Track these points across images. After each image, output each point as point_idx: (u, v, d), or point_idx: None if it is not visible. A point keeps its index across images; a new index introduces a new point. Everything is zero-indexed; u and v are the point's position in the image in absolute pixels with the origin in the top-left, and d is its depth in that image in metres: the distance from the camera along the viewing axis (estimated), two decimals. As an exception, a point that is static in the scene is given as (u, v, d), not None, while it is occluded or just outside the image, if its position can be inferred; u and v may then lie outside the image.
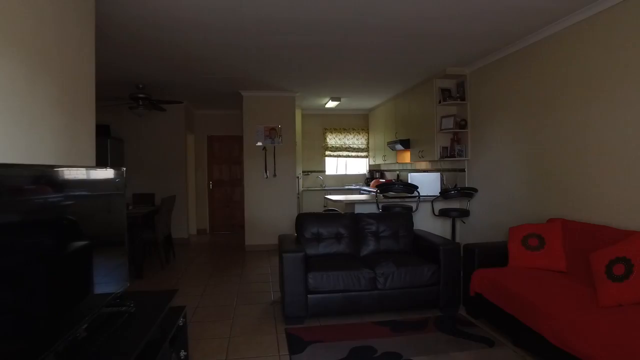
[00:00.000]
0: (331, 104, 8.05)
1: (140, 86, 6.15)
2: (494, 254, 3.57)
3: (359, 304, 3.58)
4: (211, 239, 8.19)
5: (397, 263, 3.69)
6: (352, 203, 5.31)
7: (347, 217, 4.27)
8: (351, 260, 3.89)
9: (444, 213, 5.17)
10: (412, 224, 4.35)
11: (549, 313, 2.54)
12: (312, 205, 8.53)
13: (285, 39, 4.19)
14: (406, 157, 7.30)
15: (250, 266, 5.82)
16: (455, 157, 5.62)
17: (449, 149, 5.76)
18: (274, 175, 7.01)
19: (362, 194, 8.24)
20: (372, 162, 9.12)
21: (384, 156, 8.14)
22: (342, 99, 7.73)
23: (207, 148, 8.94)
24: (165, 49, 4.47)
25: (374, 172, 9.24)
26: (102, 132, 7.16)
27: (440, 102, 5.72)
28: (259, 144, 6.97)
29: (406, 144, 6.85)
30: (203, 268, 5.73)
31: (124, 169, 2.36)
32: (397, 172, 8.18)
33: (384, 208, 5.13)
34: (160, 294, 2.49)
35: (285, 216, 7.02)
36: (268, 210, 7.01)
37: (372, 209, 5.27)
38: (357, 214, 4.35)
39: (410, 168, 7.54)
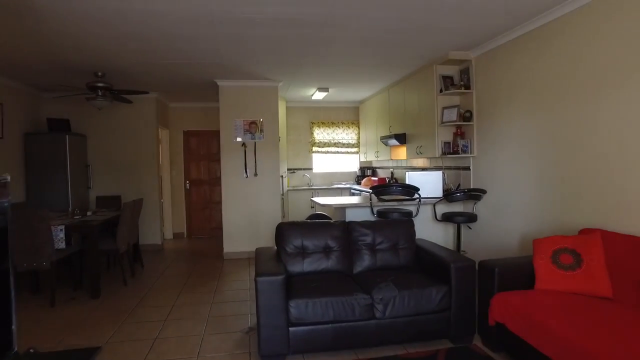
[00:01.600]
0: (318, 95, 7.34)
1: (99, 74, 5.36)
2: (517, 273, 2.92)
3: (353, 337, 2.90)
4: (188, 245, 7.45)
5: (399, 284, 3.02)
6: (343, 208, 4.62)
7: (337, 226, 3.58)
8: (343, 280, 3.21)
9: (447, 218, 4.51)
10: (414, 233, 3.68)
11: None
12: (299, 207, 7.83)
13: (261, 11, 3.47)
14: (401, 153, 6.63)
15: (227, 279, 5.11)
16: (458, 153, 4.97)
17: (451, 144, 5.10)
18: (255, 174, 6.29)
19: (353, 193, 7.57)
20: (363, 159, 8.45)
21: (377, 152, 7.47)
22: (330, 90, 7.03)
23: (184, 144, 8.17)
24: (118, 22, 3.71)
25: (365, 170, 8.56)
26: (61, 126, 6.38)
27: (441, 91, 5.05)
28: (238, 139, 6.24)
29: (402, 139, 6.19)
30: (173, 282, 5.00)
31: (8, 177, 1.64)
32: (391, 169, 7.52)
33: (379, 213, 4.46)
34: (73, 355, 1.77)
35: (268, 220, 6.32)
36: (248, 213, 6.30)
37: (366, 214, 4.60)
38: (350, 222, 3.66)
39: (405, 165, 6.88)
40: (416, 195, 4.45)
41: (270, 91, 6.31)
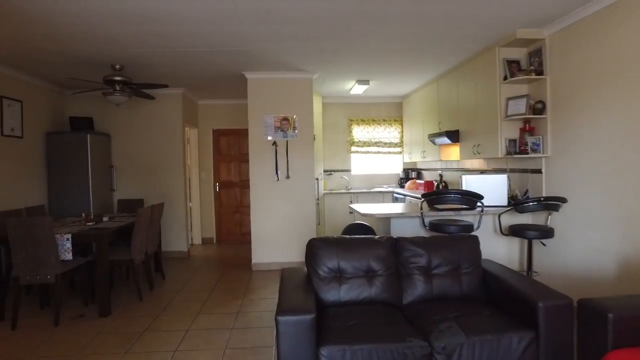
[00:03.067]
0: (358, 89, 6.62)
1: (117, 67, 4.90)
2: (638, 320, 2.09)
3: (404, 397, 2.18)
4: (216, 252, 6.93)
5: (466, 326, 2.27)
6: (387, 218, 3.89)
7: (383, 243, 2.86)
8: (391, 316, 2.49)
9: (516, 232, 3.69)
10: (479, 254, 2.90)
11: None
12: (336, 212, 7.13)
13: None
14: (453, 153, 5.81)
15: (254, 296, 4.49)
16: (527, 153, 4.12)
17: (517, 142, 4.26)
18: (287, 176, 5.65)
19: (396, 198, 6.80)
20: (407, 160, 7.64)
21: (423, 152, 6.66)
22: (370, 83, 6.30)
23: (213, 144, 7.68)
24: (141, 11, 3.17)
25: (410, 172, 7.76)
26: (83, 125, 6.01)
27: (505, 78, 4.22)
28: (268, 138, 5.63)
29: (454, 137, 5.37)
30: (192, 298, 4.44)
31: None
32: (439, 171, 6.69)
33: (432, 226, 3.70)
34: None
35: (301, 228, 5.67)
36: (279, 220, 5.67)
37: (415, 226, 3.86)
38: (398, 239, 2.93)
39: (457, 167, 6.05)
40: (478, 205, 3.65)
41: (304, 84, 5.65)
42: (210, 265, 6.00)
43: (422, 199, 3.76)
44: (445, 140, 5.53)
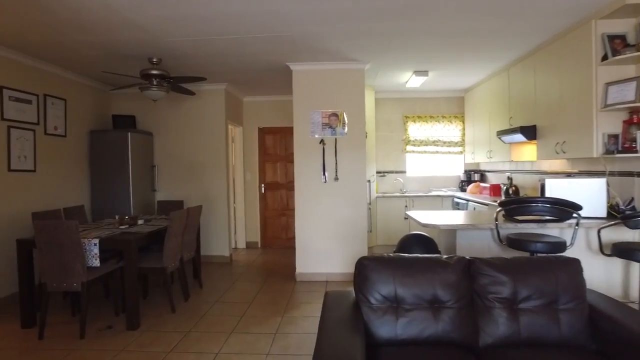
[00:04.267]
0: (415, 81, 5.95)
1: (155, 60, 4.60)
2: None
3: None
4: (260, 258, 6.52)
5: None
6: (452, 230, 3.24)
7: (452, 266, 2.23)
8: (465, 367, 1.87)
9: (623, 252, 2.91)
10: (583, 285, 2.20)
11: None
12: (389, 218, 6.50)
13: None
14: (528, 152, 5.01)
15: (295, 313, 3.98)
16: (634, 151, 3.29)
17: (619, 138, 3.44)
18: (335, 178, 5.11)
19: (457, 203, 6.06)
20: (469, 160, 6.85)
21: (489, 152, 5.86)
22: (429, 74, 5.61)
23: (259, 143, 7.30)
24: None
25: (472, 174, 6.96)
26: (126, 123, 5.80)
27: (604, 58, 3.42)
28: (315, 135, 5.12)
29: (530, 134, 4.57)
30: (228, 312, 4.01)
31: None
32: (508, 174, 5.87)
33: (510, 241, 3.01)
34: None
35: (351, 235, 5.10)
36: (326, 227, 5.14)
37: (486, 240, 3.18)
38: (473, 260, 2.29)
39: (532, 169, 5.23)
40: (574, 216, 2.91)
41: (355, 75, 5.08)
42: (251, 272, 5.58)
43: (499, 208, 3.07)
44: (519, 137, 4.74)
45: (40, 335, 3.44)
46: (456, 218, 3.52)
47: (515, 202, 3.00)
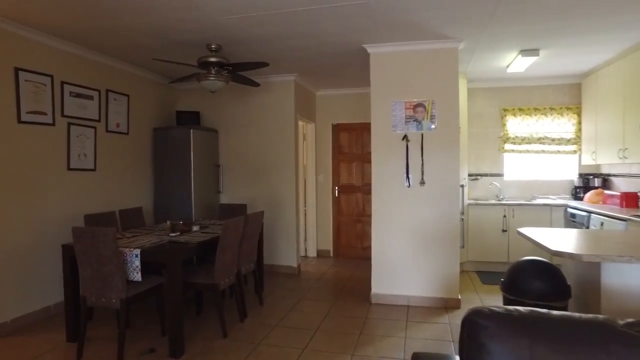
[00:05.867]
0: (519, 64, 4.85)
1: (213, 47, 4.09)
2: None
3: None
4: (331, 269, 5.81)
5: None
6: (596, 263, 2.23)
7: (633, 337, 1.31)
8: None
9: None
10: None
11: None
12: (482, 230, 5.46)
13: None
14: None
15: (369, 350, 3.19)
16: None
17: None
18: (421, 181, 4.23)
19: (573, 215, 4.87)
20: (587, 161, 5.55)
21: (623, 150, 4.59)
22: (541, 52, 4.51)
23: (332, 141, 6.61)
24: None
25: (590, 178, 5.64)
26: (190, 120, 5.43)
27: None
28: (397, 131, 4.29)
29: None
30: (288, 342, 3.33)
31: None
32: (650, 178, 4.55)
33: None
34: None
35: (439, 252, 4.20)
36: (409, 239, 4.28)
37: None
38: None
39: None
40: None
41: (446, 56, 4.17)
42: (321, 288, 4.88)
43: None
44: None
45: (79, 353, 3.03)
46: (602, 243, 2.49)
47: None
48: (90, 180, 4.43)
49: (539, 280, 2.55)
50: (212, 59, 3.97)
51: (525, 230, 2.85)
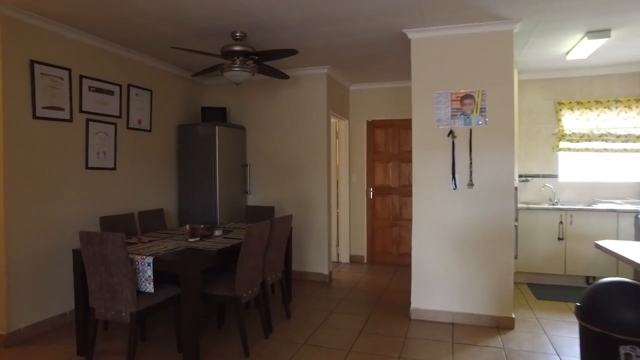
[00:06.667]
0: (584, 49, 4.24)
1: (238, 35, 3.74)
2: None
3: None
4: (365, 278, 5.37)
5: None
6: None
7: None
8: None
9: None
10: None
11: None
12: (535, 237, 4.88)
13: None
14: None
15: (411, 377, 2.75)
16: None
17: None
18: (470, 183, 3.73)
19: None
20: (661, 161, 4.86)
21: None
22: (612, 33, 3.90)
23: (367, 139, 6.17)
24: None
25: (665, 180, 4.94)
26: (215, 116, 5.14)
27: None
28: (442, 126, 3.81)
29: None
30: (318, 364, 2.94)
31: None
32: None
33: None
34: None
35: (488, 262, 3.68)
36: (455, 249, 3.78)
37: None
38: None
39: None
40: None
41: (500, 40, 3.65)
42: (354, 299, 4.46)
43: None
44: None
45: (87, 369, 2.75)
46: None
47: None
48: (110, 179, 4.19)
49: (627, 307, 2.03)
50: (237, 48, 3.63)
51: (610, 245, 2.32)
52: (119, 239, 2.59)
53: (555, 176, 5.46)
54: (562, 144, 5.42)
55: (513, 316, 3.62)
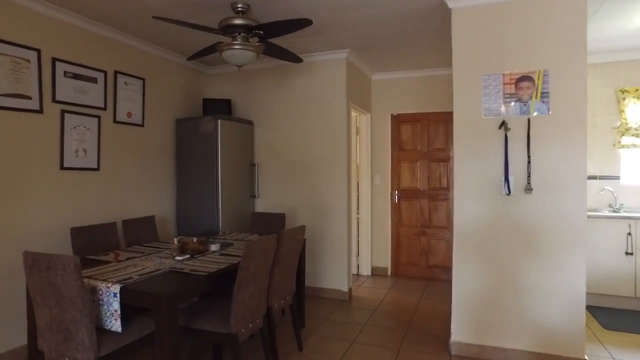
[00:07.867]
0: (667, 22, 3.44)
1: (239, 6, 3.06)
2: None
3: None
4: (390, 295, 4.63)
5: None
6: None
7: None
8: None
9: None
10: None
11: None
12: (595, 251, 4.06)
13: None
14: None
15: None
16: None
17: None
18: (527, 187, 2.96)
19: None
20: None
21: None
22: None
23: (392, 135, 5.43)
24: None
25: None
26: (218, 109, 4.48)
27: None
28: (491, 116, 3.05)
29: None
30: None
31: None
32: None
33: None
34: None
35: (554, 288, 2.90)
36: (509, 271, 3.01)
37: None
38: None
39: None
40: None
41: (567, 7, 2.88)
42: (379, 324, 3.73)
43: None
44: None
45: None
46: None
47: None
48: (92, 182, 3.56)
49: None
50: (238, 21, 2.94)
51: None
52: (71, 264, 1.92)
53: (616, 177, 4.62)
54: (625, 140, 4.58)
55: (586, 358, 2.83)
